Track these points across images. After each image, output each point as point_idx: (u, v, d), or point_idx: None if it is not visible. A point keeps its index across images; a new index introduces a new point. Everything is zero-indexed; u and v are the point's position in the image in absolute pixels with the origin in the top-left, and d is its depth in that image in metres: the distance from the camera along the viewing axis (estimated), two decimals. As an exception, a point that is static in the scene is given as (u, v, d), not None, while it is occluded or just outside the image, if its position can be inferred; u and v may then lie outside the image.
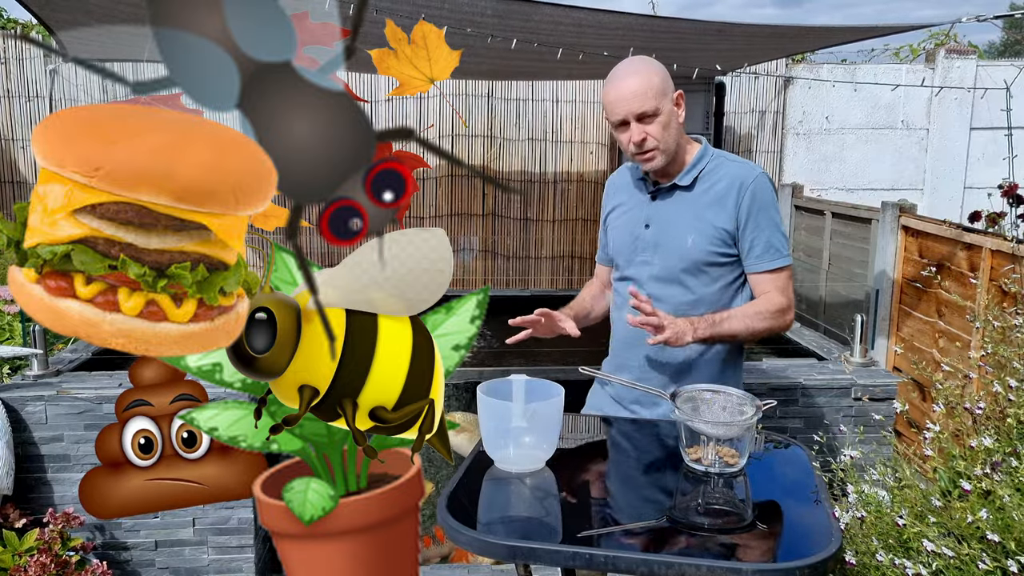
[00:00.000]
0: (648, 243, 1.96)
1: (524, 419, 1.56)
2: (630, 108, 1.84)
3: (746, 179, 1.89)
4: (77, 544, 2.61)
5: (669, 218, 1.94)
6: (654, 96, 1.84)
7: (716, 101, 5.51)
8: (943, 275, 3.77)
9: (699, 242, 1.90)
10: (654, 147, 1.86)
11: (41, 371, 2.87)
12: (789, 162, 6.08)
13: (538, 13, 3.25)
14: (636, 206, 2.01)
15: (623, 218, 2.03)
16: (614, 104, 1.87)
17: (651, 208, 1.97)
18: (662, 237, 1.94)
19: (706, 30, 3.55)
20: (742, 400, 1.62)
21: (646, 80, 1.84)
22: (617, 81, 1.88)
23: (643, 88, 1.83)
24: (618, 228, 2.04)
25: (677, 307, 1.91)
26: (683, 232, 1.91)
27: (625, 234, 2.01)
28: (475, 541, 1.33)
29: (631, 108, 1.84)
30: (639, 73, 1.86)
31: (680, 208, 1.94)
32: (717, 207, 1.90)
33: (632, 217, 2.00)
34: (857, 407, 2.92)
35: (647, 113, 1.84)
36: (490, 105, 5.84)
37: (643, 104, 1.83)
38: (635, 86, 1.84)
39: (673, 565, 1.23)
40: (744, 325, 1.87)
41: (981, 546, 1.41)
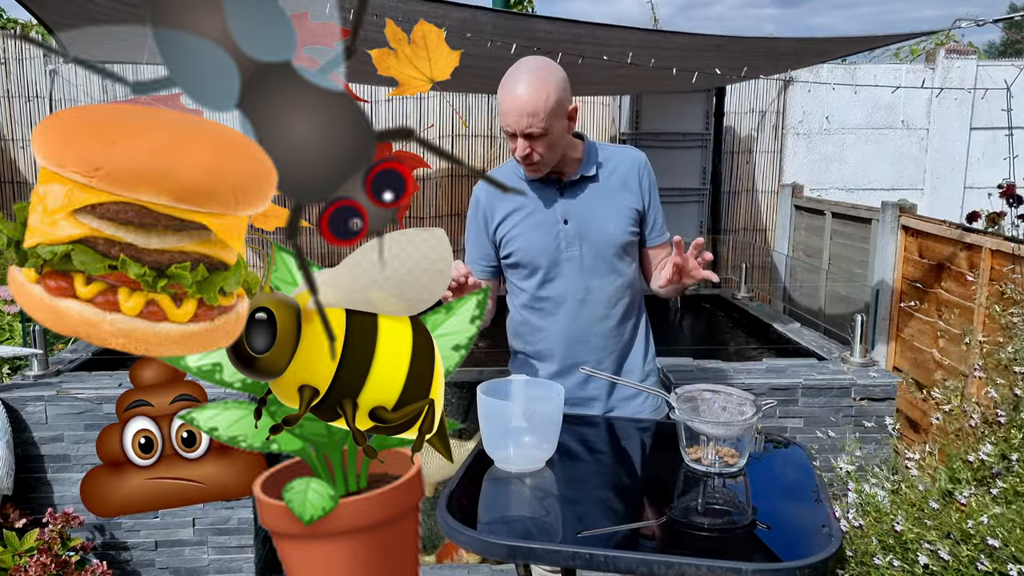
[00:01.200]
0: (572, 237, 1.96)
1: (524, 419, 1.56)
2: (519, 125, 1.82)
3: (640, 160, 2.02)
4: (77, 544, 2.61)
5: (586, 209, 1.97)
6: (545, 118, 1.81)
7: (716, 102, 5.51)
8: (943, 275, 3.77)
9: (620, 225, 1.97)
10: (538, 161, 1.89)
11: (41, 371, 2.87)
12: (789, 162, 6.08)
13: (537, 28, 3.26)
14: (541, 205, 1.98)
15: (529, 221, 1.98)
16: (506, 115, 1.85)
17: (563, 204, 1.97)
18: (585, 228, 1.96)
19: (704, 45, 3.55)
20: (742, 400, 1.62)
21: (541, 99, 1.80)
22: (512, 90, 1.83)
23: (536, 108, 1.80)
24: (527, 232, 1.98)
25: (613, 293, 1.99)
26: (604, 219, 1.96)
27: (541, 235, 1.97)
28: (475, 541, 1.33)
29: (520, 126, 1.82)
30: (535, 89, 1.81)
31: (593, 197, 1.98)
32: (625, 190, 1.98)
33: (542, 218, 1.97)
34: (857, 407, 2.92)
35: (534, 134, 1.83)
36: (490, 105, 5.84)
37: (532, 124, 1.81)
38: (528, 104, 1.80)
39: (673, 565, 1.23)
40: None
41: (980, 547, 1.41)
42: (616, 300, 1.99)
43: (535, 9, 7.15)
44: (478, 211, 2.08)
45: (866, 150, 6.10)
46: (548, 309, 2.00)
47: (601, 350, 2.01)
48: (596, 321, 1.99)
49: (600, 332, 2.00)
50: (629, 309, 2.03)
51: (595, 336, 2.00)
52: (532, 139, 1.84)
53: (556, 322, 2.00)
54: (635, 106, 5.48)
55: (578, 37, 3.35)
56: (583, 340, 2.00)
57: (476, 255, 2.11)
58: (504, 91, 1.85)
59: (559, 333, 2.00)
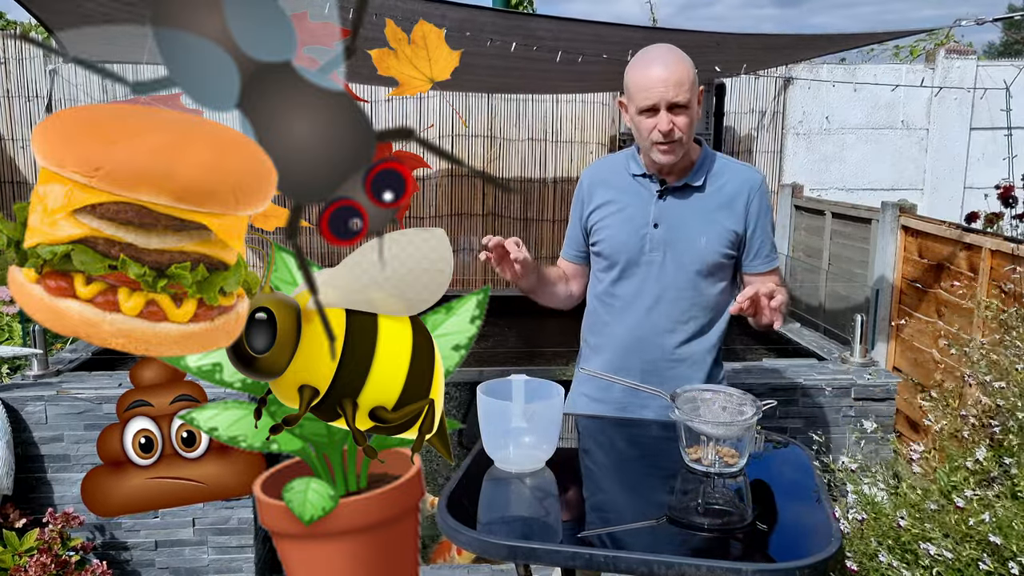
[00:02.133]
0: (658, 242, 1.90)
1: (524, 419, 1.56)
2: (665, 95, 1.76)
3: (754, 183, 1.92)
4: (77, 544, 2.61)
5: (680, 218, 1.90)
6: (689, 88, 1.78)
7: (716, 101, 5.51)
8: (943, 275, 3.77)
9: (711, 243, 1.88)
10: (679, 139, 1.81)
11: (41, 371, 2.87)
12: (789, 162, 6.08)
13: (537, 26, 3.26)
14: (637, 204, 1.94)
15: (620, 216, 1.95)
16: (648, 88, 1.78)
17: (659, 207, 1.91)
18: (673, 236, 1.89)
19: (704, 42, 3.55)
20: (742, 400, 1.62)
21: (684, 70, 1.78)
22: (653, 64, 1.79)
23: (682, 77, 1.77)
24: (615, 226, 1.95)
25: (686, 309, 1.91)
26: (696, 232, 1.89)
27: (628, 232, 1.93)
28: (475, 541, 1.33)
29: (667, 95, 1.76)
30: (677, 61, 1.79)
31: (691, 208, 1.90)
32: (727, 209, 1.89)
33: (633, 215, 1.93)
34: (857, 407, 2.92)
35: (680, 104, 1.78)
36: (490, 105, 5.84)
37: (679, 94, 1.76)
38: (674, 73, 1.76)
39: (673, 565, 1.23)
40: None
41: (981, 547, 1.41)
42: (688, 317, 1.91)
43: (535, 9, 7.15)
44: (580, 194, 2.05)
45: (866, 150, 6.10)
46: (617, 307, 1.96)
47: (655, 363, 1.93)
48: (660, 332, 1.92)
49: (660, 344, 1.93)
50: (701, 331, 1.93)
51: (654, 347, 1.93)
52: (676, 111, 1.78)
53: (621, 322, 1.95)
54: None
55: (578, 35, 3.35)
56: (641, 348, 1.94)
57: (571, 238, 2.09)
58: (640, 67, 1.81)
59: (620, 333, 1.96)
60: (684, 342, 1.94)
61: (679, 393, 1.65)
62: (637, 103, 1.82)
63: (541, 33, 3.28)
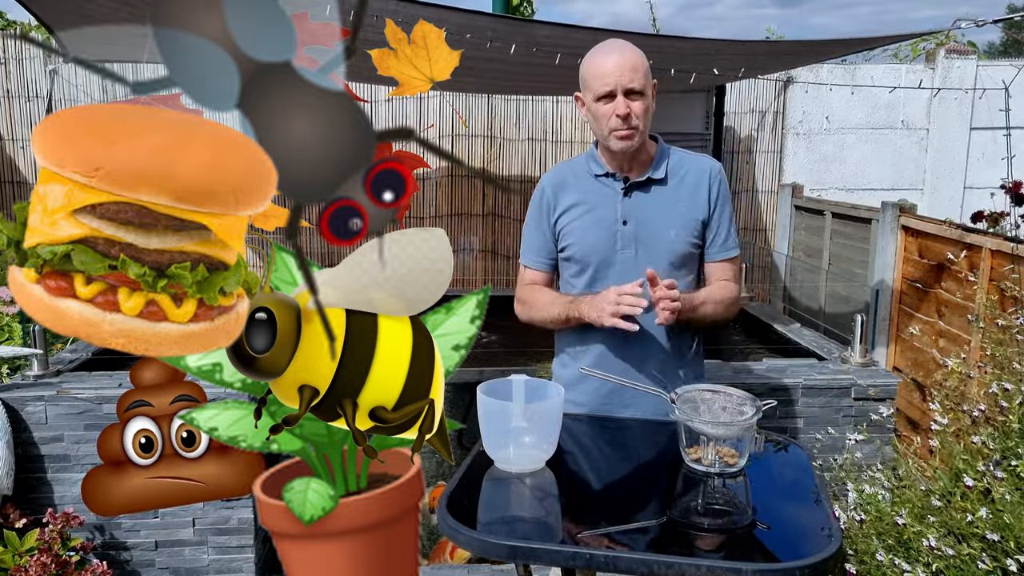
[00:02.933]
0: (629, 239, 1.93)
1: (524, 419, 1.56)
2: (621, 80, 1.82)
3: (713, 170, 1.96)
4: (77, 544, 2.61)
5: (648, 212, 1.93)
6: (644, 75, 1.84)
7: (716, 102, 5.51)
8: (943, 275, 3.77)
9: (680, 234, 1.93)
10: (636, 126, 1.86)
11: (41, 371, 2.87)
12: (789, 162, 6.08)
13: (537, 32, 3.26)
14: (603, 203, 1.95)
15: (588, 217, 1.96)
16: (604, 74, 1.83)
17: (625, 203, 1.94)
18: (644, 232, 1.92)
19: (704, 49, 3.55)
20: (742, 400, 1.62)
21: (638, 58, 1.84)
22: (608, 53, 1.86)
23: (637, 64, 1.83)
24: (584, 228, 1.96)
25: None
26: (665, 226, 1.92)
27: (598, 233, 1.94)
28: (475, 541, 1.33)
29: (622, 80, 1.82)
30: (630, 50, 1.85)
31: (657, 201, 1.94)
32: (691, 199, 1.94)
33: (601, 215, 1.95)
34: (857, 407, 2.92)
35: (635, 90, 1.83)
36: (490, 105, 5.84)
37: (633, 79, 1.82)
38: (628, 60, 1.83)
39: (673, 565, 1.23)
40: (714, 310, 1.92)
41: (981, 545, 1.41)
42: None
43: (536, 10, 7.15)
44: (542, 201, 2.04)
45: (866, 150, 6.10)
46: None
47: (642, 358, 1.95)
48: (637, 341, 1.92)
49: (644, 339, 1.94)
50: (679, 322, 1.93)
51: (638, 343, 1.93)
52: (632, 97, 1.83)
53: (597, 336, 1.94)
54: (635, 106, 5.48)
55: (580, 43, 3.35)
56: (625, 345, 1.94)
57: (536, 246, 2.06)
58: (596, 57, 1.86)
59: (602, 335, 1.95)
60: (667, 333, 1.96)
61: (679, 393, 1.65)
62: (594, 91, 1.86)
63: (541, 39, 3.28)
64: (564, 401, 1.59)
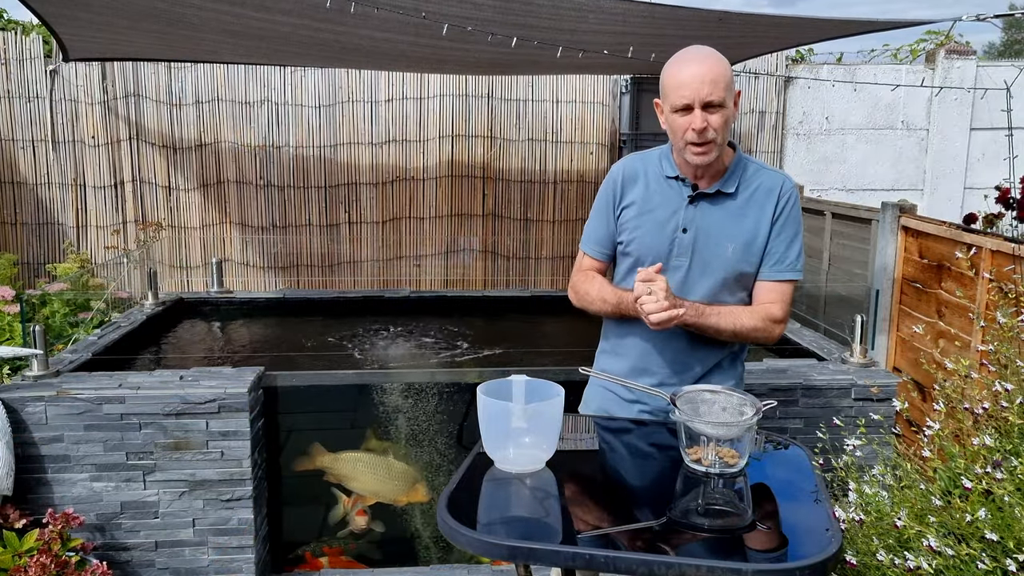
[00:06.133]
0: (686, 248, 1.88)
1: (524, 419, 1.56)
2: (700, 93, 1.74)
3: (784, 187, 1.90)
4: (77, 544, 2.61)
5: (710, 224, 1.87)
6: (724, 87, 1.75)
7: (716, 101, 5.51)
8: (943, 276, 3.77)
9: (738, 251, 1.87)
10: (712, 139, 1.78)
11: (41, 371, 2.86)
12: (789, 162, 6.08)
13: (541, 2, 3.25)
14: (667, 206, 1.90)
15: (650, 217, 1.91)
16: (682, 85, 1.75)
17: (689, 212, 1.88)
18: (702, 243, 1.87)
19: (707, 18, 3.56)
20: (742, 401, 1.62)
21: (720, 69, 1.76)
22: (689, 62, 1.77)
23: (716, 75, 1.74)
24: (644, 227, 1.91)
25: None
26: (724, 240, 1.86)
27: (658, 235, 1.90)
28: (475, 541, 1.33)
29: (702, 93, 1.74)
30: (713, 60, 1.77)
31: (721, 215, 1.88)
32: (756, 216, 1.88)
33: (663, 218, 1.90)
34: (857, 407, 2.92)
35: (715, 103, 1.75)
36: (490, 105, 5.83)
37: (714, 92, 1.74)
38: (709, 71, 1.74)
39: (673, 565, 1.23)
40: (731, 325, 1.85)
41: (981, 546, 1.41)
42: None
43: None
44: (612, 188, 1.98)
45: (866, 150, 6.11)
46: None
47: (673, 366, 1.92)
48: (678, 337, 1.89)
49: (679, 349, 1.91)
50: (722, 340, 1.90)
51: (671, 351, 1.91)
52: (711, 110, 1.75)
53: (641, 325, 1.87)
54: (635, 107, 5.48)
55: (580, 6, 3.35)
56: (659, 351, 1.92)
57: (598, 235, 2.01)
58: (676, 67, 1.78)
59: (639, 336, 1.94)
60: (705, 348, 1.92)
61: (679, 394, 1.65)
62: (672, 102, 1.79)
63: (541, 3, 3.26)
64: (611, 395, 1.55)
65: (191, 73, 5.60)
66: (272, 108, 5.68)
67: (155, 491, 2.78)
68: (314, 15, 3.27)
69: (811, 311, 5.12)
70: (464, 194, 5.92)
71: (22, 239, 5.64)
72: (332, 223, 5.86)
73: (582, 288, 2.03)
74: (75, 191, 5.64)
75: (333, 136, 5.75)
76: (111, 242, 5.66)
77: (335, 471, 3.14)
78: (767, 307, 1.89)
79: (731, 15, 3.57)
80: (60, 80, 5.52)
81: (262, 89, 5.66)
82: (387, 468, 3.09)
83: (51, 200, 5.62)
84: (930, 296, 3.88)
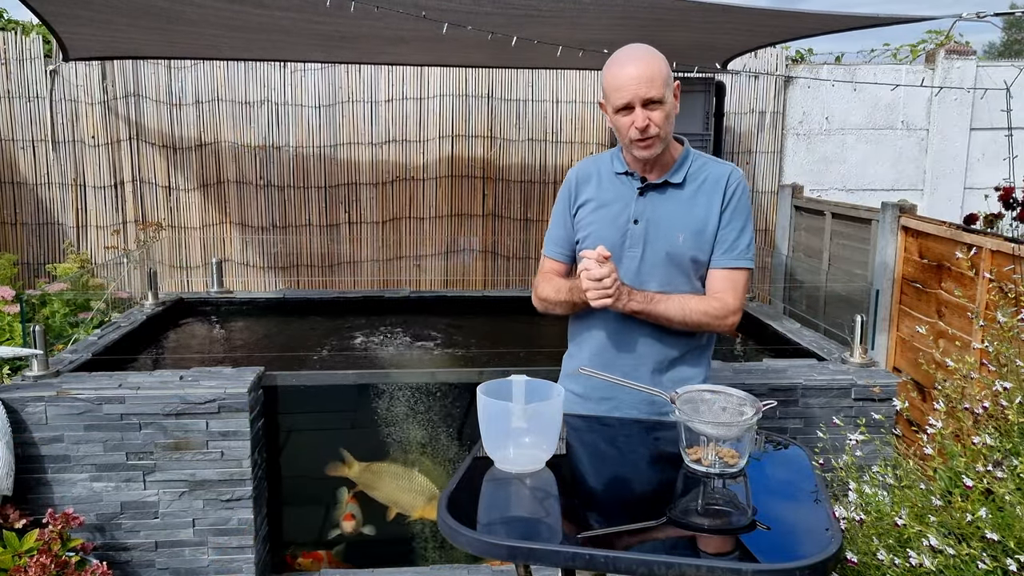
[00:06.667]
0: (637, 238, 1.95)
1: (524, 419, 1.56)
2: (638, 92, 1.83)
3: (731, 178, 1.96)
4: (77, 544, 2.61)
5: (660, 215, 1.95)
6: (662, 83, 1.84)
7: (716, 101, 5.51)
8: (943, 276, 3.77)
9: (688, 239, 1.93)
10: (655, 135, 1.86)
11: (41, 372, 2.86)
12: (789, 162, 6.08)
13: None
14: (619, 200, 1.98)
15: (602, 212, 1.99)
16: (621, 87, 1.84)
17: (639, 203, 1.96)
18: (652, 234, 1.94)
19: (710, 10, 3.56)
20: (742, 401, 1.62)
21: (656, 66, 1.84)
22: (625, 64, 1.86)
23: (652, 73, 1.83)
24: (598, 223, 1.99)
25: None
26: (674, 229, 1.94)
27: (611, 229, 1.97)
28: (475, 541, 1.33)
29: (639, 92, 1.83)
30: (648, 59, 1.85)
31: (671, 205, 1.95)
32: (705, 205, 1.95)
33: (615, 211, 1.98)
34: (857, 407, 2.92)
35: (654, 99, 1.83)
36: (490, 106, 5.83)
37: (650, 90, 1.82)
38: (645, 70, 1.83)
39: (673, 565, 1.23)
40: (680, 312, 1.90)
41: (981, 545, 1.41)
42: None
43: None
44: (569, 190, 2.07)
45: (866, 150, 6.10)
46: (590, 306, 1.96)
47: (639, 357, 1.97)
48: (638, 326, 1.95)
49: (641, 339, 1.96)
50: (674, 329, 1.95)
51: (633, 342, 1.97)
52: (651, 107, 1.84)
53: (600, 318, 1.98)
54: (635, 106, 5.47)
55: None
56: (621, 343, 1.97)
57: (557, 237, 2.10)
58: (615, 68, 1.86)
59: (600, 330, 2.00)
60: (667, 335, 1.97)
61: (680, 393, 1.65)
62: (613, 103, 1.88)
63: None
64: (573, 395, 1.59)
65: (191, 73, 5.60)
66: (272, 108, 5.68)
67: (155, 491, 2.78)
68: (314, 12, 3.27)
69: (811, 311, 5.12)
70: (464, 194, 5.92)
71: (22, 239, 5.64)
72: (332, 223, 5.86)
73: (542, 290, 2.09)
74: (75, 191, 5.64)
75: (333, 136, 5.75)
76: (111, 242, 5.66)
77: (362, 480, 3.18)
78: (719, 295, 1.95)
79: (732, 8, 3.57)
80: (60, 80, 5.52)
81: (262, 89, 5.66)
82: (409, 480, 3.13)
83: (51, 200, 5.62)
84: (930, 296, 3.88)
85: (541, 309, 2.11)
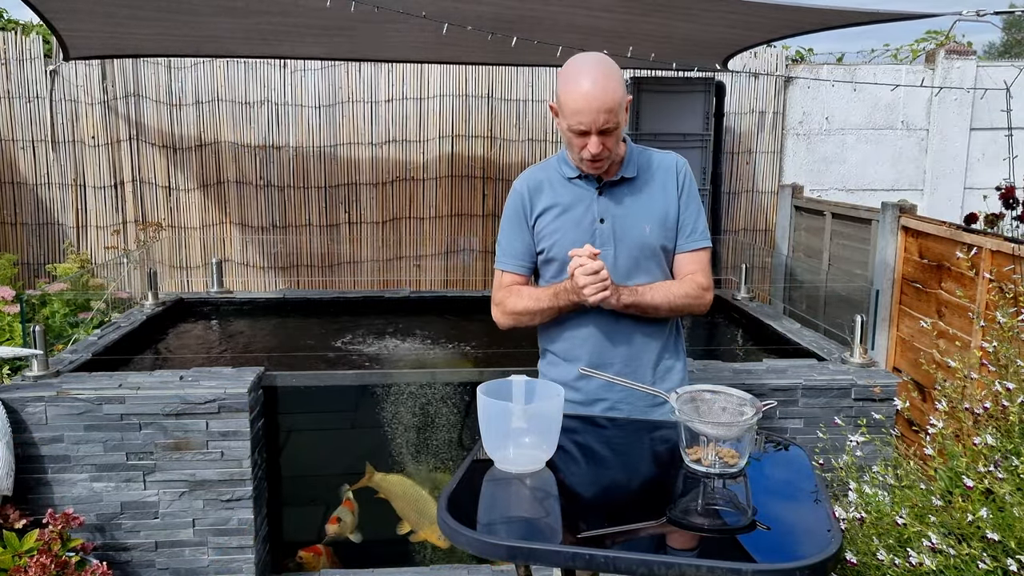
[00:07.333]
0: (607, 236, 1.96)
1: (524, 419, 1.56)
2: (596, 121, 1.81)
3: (678, 165, 2.02)
4: (77, 544, 2.61)
5: (624, 210, 1.97)
6: (619, 110, 1.83)
7: (716, 102, 5.51)
8: (943, 276, 3.77)
9: (655, 229, 1.97)
10: (606, 157, 1.89)
11: (41, 372, 2.86)
12: (789, 162, 6.08)
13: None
14: (579, 203, 1.98)
15: (565, 217, 1.98)
16: (580, 111, 1.81)
17: (601, 202, 1.98)
18: (620, 229, 1.96)
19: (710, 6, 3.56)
20: (742, 401, 1.62)
21: (614, 93, 1.81)
22: (583, 89, 1.80)
23: (612, 103, 1.80)
24: (564, 228, 1.98)
25: None
26: (640, 221, 1.97)
27: (577, 231, 1.97)
28: (475, 541, 1.33)
29: (597, 122, 1.81)
30: (607, 83, 1.80)
31: (631, 199, 1.98)
32: (662, 194, 1.99)
33: (579, 214, 1.98)
34: (857, 407, 2.92)
35: (610, 129, 1.83)
36: (490, 106, 5.83)
37: (609, 120, 1.81)
38: (605, 100, 1.79)
39: (673, 565, 1.23)
40: (666, 299, 1.96)
41: (982, 545, 1.41)
42: None
43: None
44: (520, 204, 2.04)
45: (866, 150, 6.10)
46: (578, 308, 1.97)
47: (629, 354, 2.00)
48: (626, 323, 1.98)
49: (630, 334, 1.99)
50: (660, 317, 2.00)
51: (624, 338, 1.99)
52: (607, 135, 1.84)
53: (586, 322, 1.98)
54: (635, 106, 5.47)
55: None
56: (612, 342, 1.99)
57: (515, 250, 2.06)
58: (573, 89, 1.82)
59: (588, 334, 1.99)
60: (652, 328, 2.01)
61: (680, 393, 1.65)
62: (569, 123, 1.85)
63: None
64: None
65: (191, 73, 5.60)
66: (272, 108, 5.69)
67: (155, 491, 2.78)
68: (314, 7, 3.27)
69: (811, 311, 5.12)
70: (464, 194, 5.92)
71: (22, 239, 5.64)
72: (332, 223, 5.86)
73: (510, 303, 2.05)
74: (75, 191, 5.64)
75: (333, 136, 5.75)
76: (111, 242, 5.66)
77: (382, 488, 3.21)
78: (693, 276, 2.01)
79: (734, 2, 3.57)
80: (60, 80, 5.52)
81: (262, 89, 5.66)
82: (419, 499, 3.14)
83: (51, 200, 5.62)
84: (930, 296, 3.88)
85: (510, 323, 2.08)
